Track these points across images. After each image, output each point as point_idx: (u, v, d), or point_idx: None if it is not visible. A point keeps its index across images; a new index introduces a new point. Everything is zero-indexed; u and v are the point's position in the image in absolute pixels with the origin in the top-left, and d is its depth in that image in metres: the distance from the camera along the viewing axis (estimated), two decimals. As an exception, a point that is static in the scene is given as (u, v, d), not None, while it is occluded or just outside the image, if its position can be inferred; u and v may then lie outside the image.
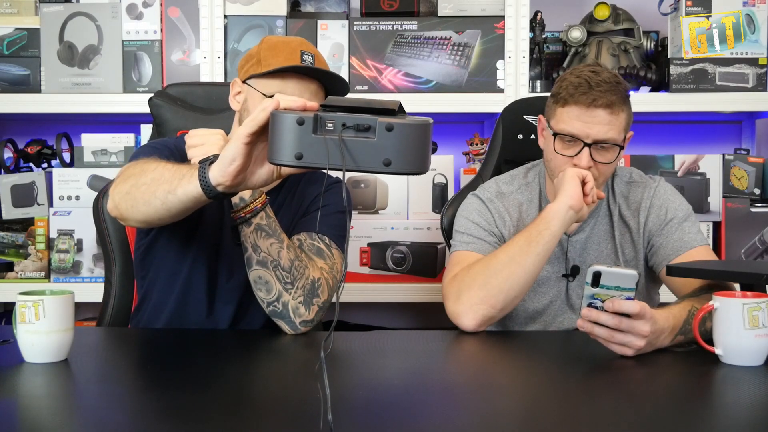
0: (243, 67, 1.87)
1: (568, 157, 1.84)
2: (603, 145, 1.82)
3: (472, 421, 1.18)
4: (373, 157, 1.17)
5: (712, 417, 1.23)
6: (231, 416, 1.17)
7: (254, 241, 1.70)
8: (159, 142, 1.89)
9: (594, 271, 1.49)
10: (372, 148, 1.17)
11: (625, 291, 1.49)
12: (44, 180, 2.74)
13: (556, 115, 1.86)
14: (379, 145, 1.16)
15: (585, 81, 1.81)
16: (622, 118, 1.83)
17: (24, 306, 1.43)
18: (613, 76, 1.83)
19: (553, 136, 1.85)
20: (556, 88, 1.87)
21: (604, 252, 1.94)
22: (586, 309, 1.52)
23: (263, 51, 1.82)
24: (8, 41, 2.76)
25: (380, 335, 1.77)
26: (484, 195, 2.00)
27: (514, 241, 1.81)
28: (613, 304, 1.50)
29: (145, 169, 1.54)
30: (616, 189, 1.97)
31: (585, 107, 1.81)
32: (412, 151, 1.17)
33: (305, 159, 1.19)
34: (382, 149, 1.16)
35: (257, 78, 1.81)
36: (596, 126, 1.81)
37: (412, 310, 3.03)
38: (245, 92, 1.85)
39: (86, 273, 2.70)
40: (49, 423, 1.16)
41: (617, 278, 1.49)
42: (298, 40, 1.86)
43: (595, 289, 1.49)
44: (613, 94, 1.80)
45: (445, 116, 2.85)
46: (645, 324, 1.50)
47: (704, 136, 3.06)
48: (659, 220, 1.93)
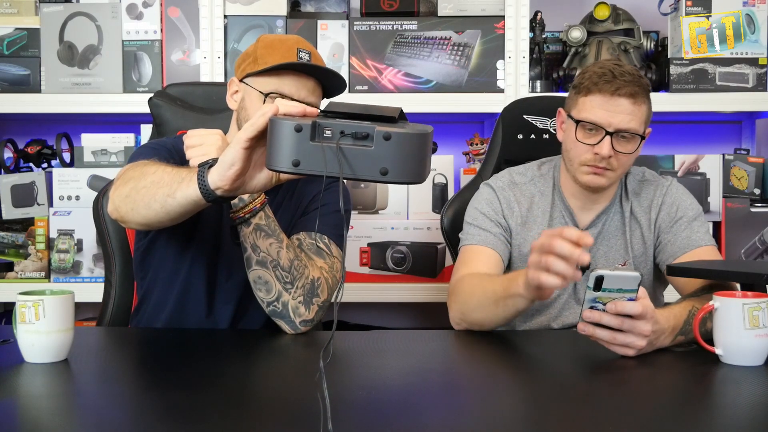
0: (240, 66, 1.87)
1: (590, 146, 1.85)
2: (624, 134, 1.83)
3: (472, 421, 1.18)
4: (370, 165, 1.16)
5: (712, 417, 1.23)
6: (231, 416, 1.17)
7: (253, 241, 1.70)
8: (157, 142, 1.89)
9: (596, 276, 1.48)
10: (369, 157, 1.16)
11: (627, 292, 1.49)
12: (44, 180, 2.74)
13: (579, 104, 1.87)
14: (377, 154, 1.16)
15: (609, 71, 1.83)
16: (644, 110, 1.85)
17: (24, 306, 1.43)
18: (636, 70, 1.86)
19: (576, 123, 1.86)
20: (578, 79, 1.89)
21: (614, 247, 1.95)
22: (587, 311, 1.52)
23: (260, 49, 1.82)
24: (8, 41, 2.76)
25: (380, 335, 1.77)
26: (495, 184, 2.01)
27: (496, 286, 1.72)
28: (615, 306, 1.49)
29: (144, 172, 1.53)
30: (629, 186, 1.98)
31: (609, 95, 1.82)
32: (410, 160, 1.17)
33: (302, 166, 1.19)
34: (379, 158, 1.16)
35: (254, 76, 1.82)
36: (619, 115, 1.82)
37: (412, 310, 3.03)
38: (242, 91, 1.85)
39: (86, 273, 2.70)
40: (49, 423, 1.16)
41: (620, 281, 1.49)
42: (294, 38, 1.87)
43: (597, 293, 1.49)
44: (636, 85, 1.83)
45: (445, 116, 2.86)
46: (647, 324, 1.50)
47: (704, 136, 3.06)
48: (669, 217, 1.94)
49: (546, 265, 1.50)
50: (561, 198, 1.98)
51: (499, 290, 1.69)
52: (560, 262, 1.49)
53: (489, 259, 1.92)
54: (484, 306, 1.73)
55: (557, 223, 1.97)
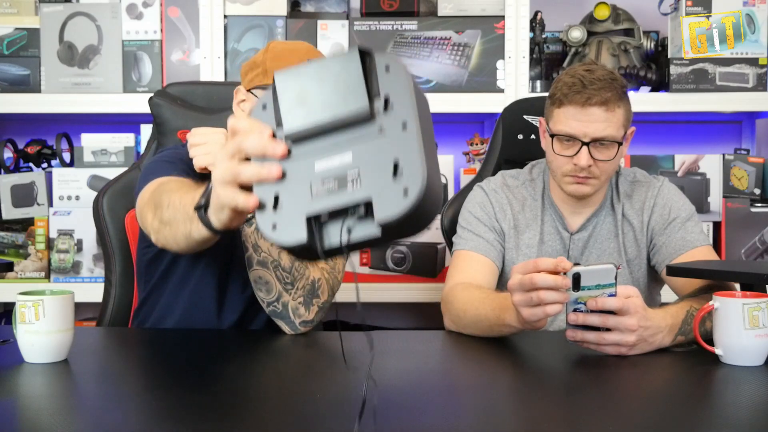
0: (247, 75, 1.83)
1: (568, 157, 1.84)
2: (602, 142, 1.83)
3: (472, 421, 1.18)
4: (368, 229, 1.06)
5: (712, 417, 1.23)
6: (231, 416, 1.17)
7: (255, 241, 1.70)
8: (173, 154, 1.81)
9: (573, 274, 1.49)
10: (375, 238, 1.07)
11: (607, 288, 1.50)
12: (44, 180, 2.74)
13: (554, 117, 1.86)
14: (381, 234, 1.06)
15: (579, 80, 1.81)
16: (619, 114, 1.83)
17: (24, 306, 1.43)
18: (608, 73, 1.83)
19: (551, 137, 1.86)
20: (552, 90, 1.87)
21: (607, 251, 1.95)
22: (572, 314, 1.52)
23: (269, 61, 1.78)
24: (8, 41, 2.76)
25: (380, 335, 1.77)
26: (488, 186, 2.01)
27: (488, 311, 1.69)
28: (596, 302, 1.50)
29: (161, 204, 1.49)
30: (620, 188, 1.97)
31: (580, 106, 1.81)
32: (408, 228, 1.07)
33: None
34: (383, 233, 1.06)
35: (264, 90, 1.78)
36: (593, 124, 1.81)
37: (412, 310, 3.03)
38: (251, 102, 1.81)
39: (86, 273, 2.70)
40: (49, 423, 1.16)
41: (596, 276, 1.49)
42: (304, 48, 1.82)
43: (577, 292, 1.50)
44: (607, 91, 1.80)
45: (445, 116, 2.85)
46: (631, 318, 1.50)
47: (704, 136, 3.05)
48: (662, 219, 1.93)
49: (537, 301, 1.49)
50: (551, 202, 1.97)
51: (491, 316, 1.67)
52: (549, 293, 1.48)
53: (482, 267, 1.92)
54: (476, 326, 1.72)
55: (548, 227, 1.96)
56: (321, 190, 1.06)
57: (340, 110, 1.06)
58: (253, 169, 1.09)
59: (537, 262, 1.50)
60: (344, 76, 1.07)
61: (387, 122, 1.05)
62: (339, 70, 1.08)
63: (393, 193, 1.03)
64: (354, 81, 1.07)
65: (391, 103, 1.06)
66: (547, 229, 1.96)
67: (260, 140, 1.09)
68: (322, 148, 1.07)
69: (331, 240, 1.06)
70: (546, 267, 1.48)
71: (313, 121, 1.08)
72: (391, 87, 1.06)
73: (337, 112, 1.07)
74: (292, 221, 1.07)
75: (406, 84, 1.06)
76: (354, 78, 1.07)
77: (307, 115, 1.08)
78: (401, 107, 1.05)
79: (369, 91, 1.07)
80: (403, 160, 1.03)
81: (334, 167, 1.06)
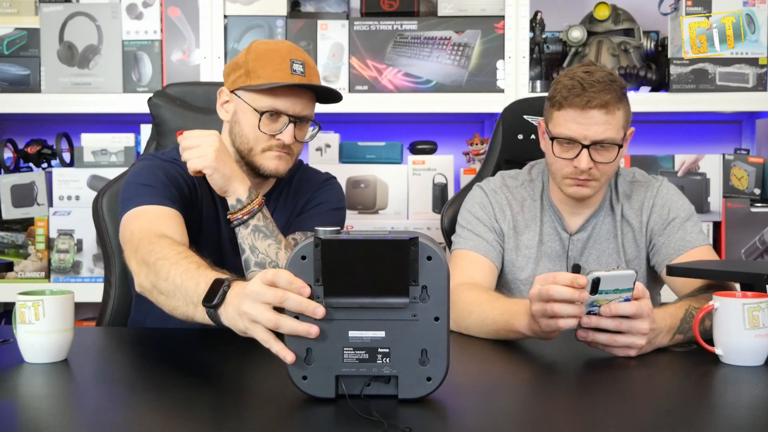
0: (230, 76, 1.82)
1: (568, 160, 1.84)
2: (602, 144, 1.82)
3: (472, 421, 1.18)
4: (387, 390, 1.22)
5: (712, 417, 1.23)
6: (231, 416, 1.17)
7: (252, 243, 1.70)
8: (151, 171, 1.77)
9: (593, 279, 1.46)
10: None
11: (624, 292, 1.49)
12: (44, 180, 2.74)
13: (553, 119, 1.86)
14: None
15: (578, 83, 1.80)
16: (619, 116, 1.83)
17: (24, 306, 1.43)
18: (607, 75, 1.82)
19: (551, 140, 1.85)
20: (551, 92, 1.87)
21: (606, 251, 1.94)
22: (585, 317, 1.51)
23: (251, 61, 1.78)
24: (8, 41, 2.76)
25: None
26: (488, 186, 2.00)
27: (496, 315, 1.68)
28: (609, 309, 1.49)
29: (156, 269, 1.51)
30: (619, 188, 1.97)
31: (580, 109, 1.80)
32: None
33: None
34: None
35: (247, 91, 1.78)
36: (593, 127, 1.81)
37: (412, 310, 3.02)
38: (234, 102, 1.81)
39: (86, 273, 2.70)
40: (49, 423, 1.16)
41: (616, 281, 1.48)
42: (286, 47, 1.81)
43: (594, 296, 1.48)
44: (607, 93, 1.79)
45: (445, 116, 2.86)
46: (644, 322, 1.50)
47: (704, 136, 3.06)
48: (661, 219, 1.93)
49: (552, 313, 1.48)
50: (550, 203, 1.97)
51: (500, 320, 1.65)
52: (566, 306, 1.47)
53: (482, 266, 1.92)
54: (481, 328, 1.70)
55: (547, 228, 1.96)
56: (352, 356, 1.19)
57: (381, 295, 1.17)
58: (293, 325, 1.19)
59: (556, 275, 1.49)
60: (389, 260, 1.16)
61: (421, 311, 1.18)
62: (385, 252, 1.16)
63: (418, 378, 1.19)
64: (398, 268, 1.16)
65: (428, 293, 1.18)
66: (546, 229, 1.96)
67: (301, 302, 1.17)
68: (358, 318, 1.18)
69: (352, 390, 1.20)
70: (563, 281, 1.47)
71: (354, 298, 1.17)
72: (430, 278, 1.17)
73: (378, 296, 1.17)
74: (322, 378, 1.19)
75: (445, 277, 1.18)
76: (398, 265, 1.16)
77: (349, 289, 1.17)
78: (437, 300, 1.18)
79: (408, 275, 1.17)
80: (431, 351, 1.19)
81: (367, 338, 1.18)
